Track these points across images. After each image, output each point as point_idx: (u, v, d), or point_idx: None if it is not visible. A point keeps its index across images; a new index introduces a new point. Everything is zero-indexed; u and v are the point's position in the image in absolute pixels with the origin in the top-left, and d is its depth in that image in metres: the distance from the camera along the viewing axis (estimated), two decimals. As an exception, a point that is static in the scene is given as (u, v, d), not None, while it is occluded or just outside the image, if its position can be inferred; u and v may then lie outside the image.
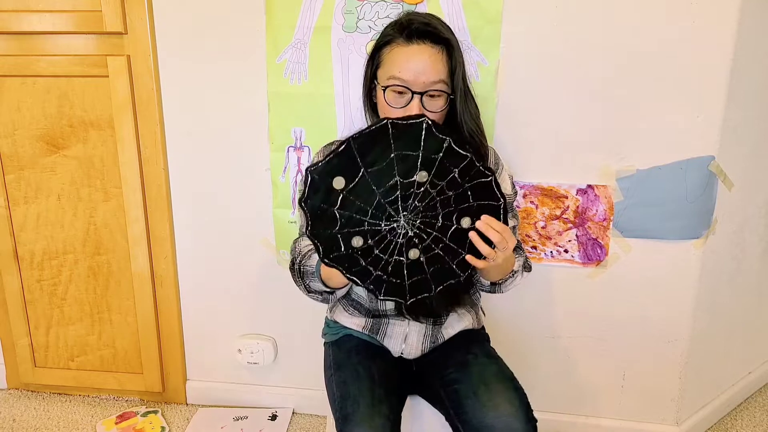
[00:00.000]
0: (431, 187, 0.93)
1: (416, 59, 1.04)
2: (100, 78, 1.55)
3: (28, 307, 1.79)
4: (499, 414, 1.05)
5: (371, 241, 0.94)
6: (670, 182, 1.42)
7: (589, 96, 1.40)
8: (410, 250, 0.96)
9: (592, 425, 1.67)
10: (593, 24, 1.35)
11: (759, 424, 1.75)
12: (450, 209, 0.95)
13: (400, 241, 0.95)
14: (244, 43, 1.47)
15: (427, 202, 0.94)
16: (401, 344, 1.22)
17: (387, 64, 1.08)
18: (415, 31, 1.05)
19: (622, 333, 1.58)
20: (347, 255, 0.94)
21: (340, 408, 1.10)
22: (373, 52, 1.12)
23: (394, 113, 1.07)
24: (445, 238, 0.96)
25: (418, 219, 0.94)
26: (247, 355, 1.75)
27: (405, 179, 0.92)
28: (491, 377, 1.12)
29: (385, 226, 0.94)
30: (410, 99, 1.05)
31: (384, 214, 0.93)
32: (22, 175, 1.66)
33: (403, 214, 0.94)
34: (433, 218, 0.95)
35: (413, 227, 0.95)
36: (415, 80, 1.04)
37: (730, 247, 1.58)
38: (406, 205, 0.93)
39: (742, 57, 1.35)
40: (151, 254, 1.69)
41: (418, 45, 1.05)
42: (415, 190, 0.93)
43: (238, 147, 1.57)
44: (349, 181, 0.90)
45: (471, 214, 0.96)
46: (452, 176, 0.93)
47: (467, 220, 0.96)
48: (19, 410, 1.81)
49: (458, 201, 0.95)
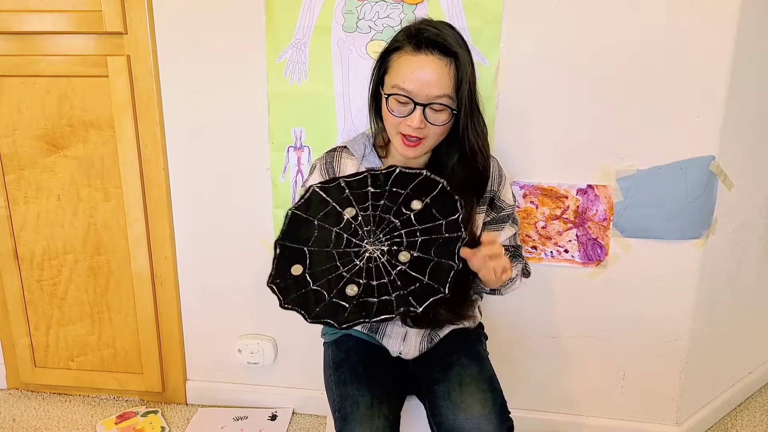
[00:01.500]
0: (364, 212, 0.99)
1: (422, 71, 1.02)
2: (100, 78, 1.55)
3: (28, 307, 1.79)
4: (470, 416, 1.05)
5: (363, 280, 0.97)
6: (670, 182, 1.42)
7: (589, 96, 1.40)
8: (398, 256, 0.98)
9: (592, 425, 1.67)
10: (593, 24, 1.35)
11: (759, 424, 1.75)
12: (394, 208, 0.99)
13: (384, 259, 0.98)
14: (244, 43, 1.47)
15: (373, 221, 0.99)
16: (400, 344, 1.22)
17: (393, 71, 1.06)
18: (425, 41, 1.02)
19: (622, 333, 1.58)
20: (356, 306, 0.96)
21: (340, 408, 1.10)
22: (382, 55, 1.10)
23: (395, 121, 1.06)
24: (416, 225, 0.98)
25: (380, 234, 0.99)
26: (247, 355, 1.75)
27: (340, 225, 0.99)
28: (467, 378, 1.11)
29: (360, 260, 0.98)
30: (413, 109, 1.04)
31: (350, 256, 0.99)
32: (22, 175, 1.66)
33: (365, 243, 0.99)
34: (389, 224, 0.99)
35: (382, 243, 0.99)
36: (418, 92, 1.02)
37: (730, 247, 1.58)
38: (360, 236, 0.99)
39: (742, 57, 1.35)
40: (151, 254, 1.69)
41: (426, 56, 1.02)
42: (355, 224, 0.99)
43: (238, 147, 1.57)
44: (303, 262, 0.98)
45: (413, 198, 0.99)
46: (370, 193, 1.00)
47: (416, 203, 0.99)
48: (19, 410, 1.81)
49: (393, 200, 0.99)
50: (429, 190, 0.99)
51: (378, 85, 1.12)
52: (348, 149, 1.19)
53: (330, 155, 1.20)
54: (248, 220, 1.62)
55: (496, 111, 1.43)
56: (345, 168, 1.17)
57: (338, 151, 1.20)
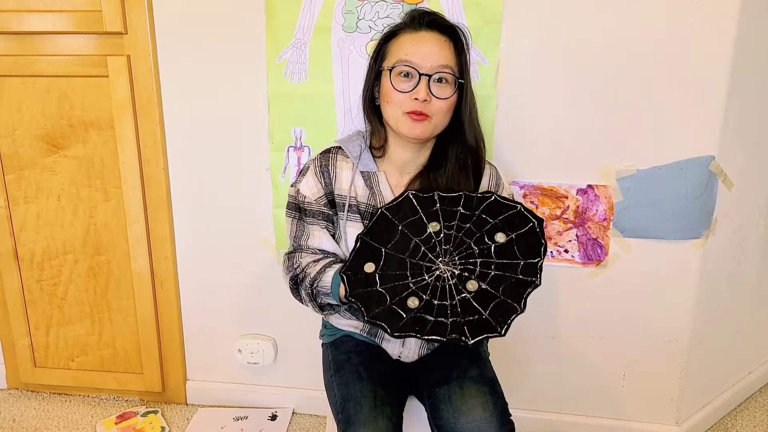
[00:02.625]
0: (447, 230, 0.99)
1: (424, 43, 1.04)
2: (100, 78, 1.55)
3: (28, 307, 1.79)
4: (470, 419, 1.04)
5: (426, 296, 0.98)
6: (670, 182, 1.42)
7: (589, 96, 1.40)
8: (467, 283, 0.98)
9: (592, 425, 1.67)
10: (593, 24, 1.35)
11: (759, 424, 1.75)
12: (477, 235, 0.99)
13: (451, 282, 0.98)
14: (244, 43, 1.47)
15: (453, 241, 0.99)
16: (399, 347, 1.22)
17: (393, 51, 1.06)
18: (424, 22, 1.05)
19: (622, 333, 1.58)
20: (413, 319, 0.97)
21: (343, 410, 1.09)
22: (378, 47, 1.10)
23: (400, 98, 1.05)
24: (493, 258, 0.98)
25: (456, 257, 0.99)
26: (247, 355, 1.74)
27: (421, 237, 0.99)
28: (468, 381, 1.10)
29: (429, 277, 0.99)
30: (417, 81, 1.03)
31: (422, 269, 0.99)
32: (22, 175, 1.66)
33: (439, 261, 0.99)
34: (467, 249, 0.99)
35: (455, 266, 0.99)
36: (422, 62, 1.03)
37: (730, 247, 1.58)
38: (437, 253, 0.99)
39: (742, 57, 1.35)
40: (151, 254, 1.69)
41: (426, 32, 1.05)
42: (436, 240, 0.99)
43: (238, 147, 1.57)
44: (377, 262, 0.98)
45: (500, 229, 0.99)
46: (459, 213, 0.99)
47: (500, 235, 0.99)
48: (19, 410, 1.81)
49: (479, 227, 0.99)
50: (518, 227, 0.98)
51: (375, 79, 1.11)
52: (342, 150, 1.16)
53: (325, 157, 1.16)
54: (248, 220, 1.62)
55: (496, 111, 1.43)
56: (341, 172, 1.15)
57: (333, 152, 1.17)
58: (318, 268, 1.10)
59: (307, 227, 1.15)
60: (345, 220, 1.14)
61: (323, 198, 1.14)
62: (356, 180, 1.14)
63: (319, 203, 1.14)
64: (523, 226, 0.98)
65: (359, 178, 1.14)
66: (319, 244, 1.14)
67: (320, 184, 1.14)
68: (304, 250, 1.15)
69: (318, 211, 1.14)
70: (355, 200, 1.13)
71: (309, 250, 1.15)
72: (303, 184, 1.15)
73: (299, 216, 1.15)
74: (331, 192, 1.14)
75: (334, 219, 1.15)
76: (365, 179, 1.14)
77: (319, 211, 1.14)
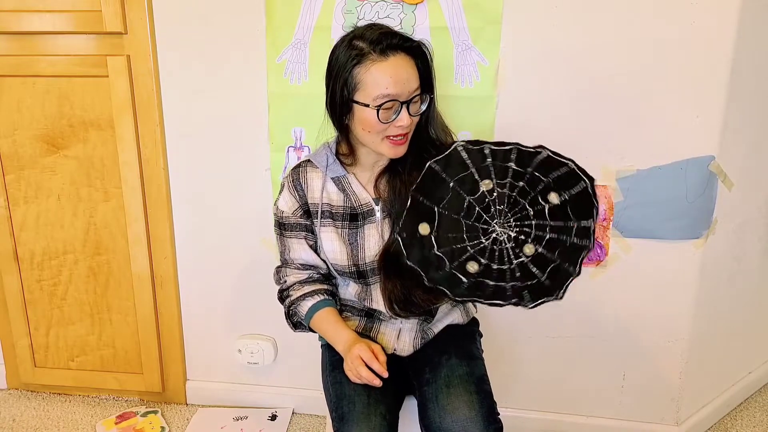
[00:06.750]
0: (500, 188, 0.96)
1: (399, 72, 1.03)
2: (100, 78, 1.55)
3: (28, 307, 1.79)
4: (456, 418, 1.04)
5: (485, 260, 0.95)
6: (670, 182, 1.42)
7: (589, 96, 1.40)
8: (524, 247, 0.96)
9: (592, 425, 1.67)
10: (593, 24, 1.35)
11: (759, 424, 1.75)
12: (531, 195, 0.96)
13: (509, 245, 0.96)
14: (244, 43, 1.47)
15: (507, 201, 0.96)
16: (394, 341, 1.23)
17: (369, 84, 1.03)
18: (391, 46, 1.03)
19: (622, 333, 1.58)
20: (473, 284, 0.95)
21: (336, 408, 1.11)
22: (344, 73, 1.05)
23: (381, 128, 1.05)
24: (547, 220, 0.96)
25: (511, 218, 0.96)
26: (247, 355, 1.75)
27: (474, 195, 0.96)
28: (455, 380, 1.11)
29: (486, 240, 0.96)
30: (399, 110, 1.04)
31: (478, 232, 0.96)
32: (22, 175, 1.66)
33: (495, 222, 0.96)
34: (522, 210, 0.96)
35: (512, 228, 0.96)
36: (402, 92, 1.03)
37: (730, 247, 1.58)
38: (491, 214, 0.96)
39: (742, 57, 1.35)
40: (151, 254, 1.69)
41: (394, 57, 1.03)
42: (489, 199, 0.96)
43: (238, 147, 1.57)
44: (432, 222, 0.95)
45: (553, 189, 0.96)
46: (512, 170, 0.96)
47: (554, 196, 0.96)
48: (19, 410, 1.81)
49: (533, 186, 0.96)
50: (570, 186, 0.95)
51: (347, 105, 1.07)
52: (312, 162, 1.19)
53: (295, 172, 1.20)
54: (248, 220, 1.62)
55: (496, 111, 1.43)
56: (312, 182, 1.18)
57: (303, 166, 1.20)
58: (298, 295, 1.20)
59: (287, 241, 1.22)
60: (319, 225, 1.18)
61: (299, 209, 1.19)
62: (328, 186, 1.18)
63: (296, 215, 1.19)
64: (576, 184, 0.95)
65: (330, 183, 1.18)
66: (298, 255, 1.21)
67: (294, 198, 1.19)
68: (290, 264, 1.23)
69: (296, 224, 1.20)
70: (328, 206, 1.17)
71: (293, 264, 1.22)
72: (281, 201, 1.21)
73: (281, 232, 1.22)
74: (306, 203, 1.19)
75: (314, 228, 1.20)
76: (336, 184, 1.17)
77: (296, 224, 1.20)
